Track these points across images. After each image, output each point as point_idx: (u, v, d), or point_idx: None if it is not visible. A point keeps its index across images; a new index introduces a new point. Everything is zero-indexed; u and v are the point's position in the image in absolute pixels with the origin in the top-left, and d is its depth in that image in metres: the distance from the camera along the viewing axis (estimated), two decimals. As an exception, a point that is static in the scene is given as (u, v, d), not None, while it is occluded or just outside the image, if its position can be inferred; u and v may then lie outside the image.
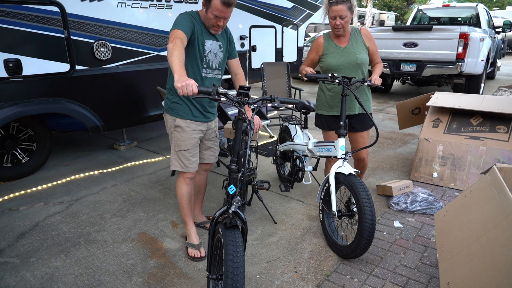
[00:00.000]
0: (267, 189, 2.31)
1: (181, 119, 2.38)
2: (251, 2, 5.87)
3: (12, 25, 3.27)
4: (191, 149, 2.42)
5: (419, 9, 9.37)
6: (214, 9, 2.18)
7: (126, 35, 4.07)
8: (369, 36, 2.76)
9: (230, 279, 1.55)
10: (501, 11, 18.06)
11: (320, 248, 2.60)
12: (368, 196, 2.25)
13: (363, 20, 20.22)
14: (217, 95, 1.79)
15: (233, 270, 1.56)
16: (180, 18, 2.25)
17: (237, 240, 1.64)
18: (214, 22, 2.25)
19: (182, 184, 2.50)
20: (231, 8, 2.21)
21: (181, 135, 2.39)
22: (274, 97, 1.91)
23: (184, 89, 1.75)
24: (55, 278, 2.32)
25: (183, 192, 2.51)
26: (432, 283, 2.23)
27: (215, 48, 2.40)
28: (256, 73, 6.09)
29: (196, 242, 2.55)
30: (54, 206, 3.27)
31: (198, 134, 2.45)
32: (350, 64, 2.68)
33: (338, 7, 2.52)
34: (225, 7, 2.17)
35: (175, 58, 1.92)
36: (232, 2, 2.18)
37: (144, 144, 5.01)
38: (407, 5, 28.43)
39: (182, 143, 2.40)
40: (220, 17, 2.22)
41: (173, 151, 2.45)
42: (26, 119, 3.74)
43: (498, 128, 3.48)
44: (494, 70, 9.69)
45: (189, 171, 2.46)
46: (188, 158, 2.42)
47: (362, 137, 2.88)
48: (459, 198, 2.09)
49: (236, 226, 1.71)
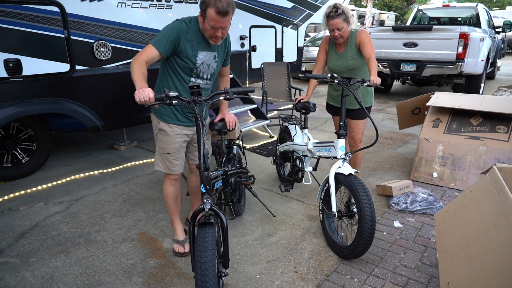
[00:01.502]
0: (252, 183, 2.33)
1: (164, 123, 2.37)
2: (251, 2, 5.87)
3: (12, 25, 3.27)
4: (174, 153, 2.41)
5: (419, 9, 9.36)
6: (210, 19, 2.10)
7: (126, 35, 4.07)
8: (362, 38, 2.83)
9: (199, 274, 1.59)
10: (501, 11, 18.06)
11: (320, 248, 2.60)
12: (368, 196, 2.25)
13: (363, 20, 20.22)
14: (168, 99, 1.85)
15: (201, 265, 1.60)
16: (166, 31, 2.18)
17: (207, 236, 1.69)
18: (212, 33, 2.17)
19: (168, 184, 2.54)
20: (227, 17, 2.11)
21: (165, 138, 2.39)
22: (227, 90, 1.97)
23: (141, 95, 1.85)
24: (55, 278, 2.32)
25: (168, 193, 2.55)
26: (432, 283, 2.23)
27: (208, 59, 2.34)
28: (256, 73, 6.09)
29: (181, 238, 2.62)
30: (54, 206, 3.27)
31: (182, 138, 2.42)
32: (344, 69, 2.95)
33: (335, 21, 2.74)
34: (221, 17, 2.08)
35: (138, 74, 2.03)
36: (228, 11, 2.08)
37: (144, 144, 5.01)
38: (407, 5, 28.42)
39: (165, 146, 2.40)
40: (217, 28, 2.14)
41: (157, 152, 2.47)
42: (26, 119, 3.74)
43: (498, 128, 3.48)
44: (494, 70, 9.68)
45: (173, 173, 2.48)
46: (171, 161, 2.43)
47: (356, 124, 3.13)
48: (459, 198, 2.09)
49: (209, 223, 1.76)
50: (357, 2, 26.51)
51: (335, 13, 2.72)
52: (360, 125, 3.13)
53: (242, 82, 5.96)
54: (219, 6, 2.05)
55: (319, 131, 5.60)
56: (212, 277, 1.59)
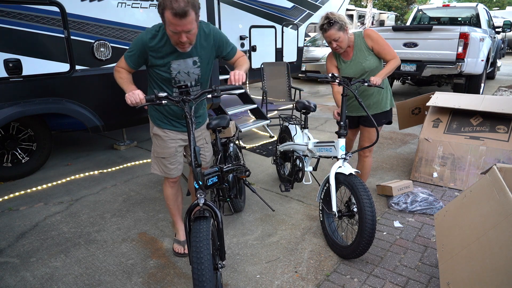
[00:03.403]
0: (247, 176, 2.35)
1: (158, 128, 2.36)
2: (251, 2, 5.87)
3: (12, 25, 3.27)
4: (168, 157, 2.38)
5: (419, 9, 9.36)
6: (169, 23, 1.88)
7: (126, 35, 4.07)
8: (371, 37, 2.73)
9: (195, 263, 1.62)
10: (501, 11, 18.05)
11: (320, 248, 2.60)
12: (368, 196, 2.25)
13: (363, 20, 20.22)
14: (158, 100, 1.90)
15: (196, 254, 1.64)
16: (133, 45, 2.12)
17: (201, 228, 1.73)
18: (176, 39, 1.95)
19: (167, 187, 2.52)
20: (187, 18, 1.85)
21: (159, 143, 2.37)
22: (214, 88, 1.97)
23: (131, 97, 1.92)
24: (55, 278, 2.32)
25: (167, 194, 2.54)
26: (432, 283, 2.23)
27: (185, 67, 2.16)
28: (256, 73, 6.09)
29: (182, 239, 2.62)
30: (54, 206, 3.27)
31: (177, 143, 2.38)
32: (360, 73, 2.77)
33: (329, 33, 2.61)
34: (179, 19, 1.83)
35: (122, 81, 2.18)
36: (186, 11, 1.82)
37: (144, 144, 5.01)
38: (407, 5, 28.43)
39: (160, 150, 2.38)
40: (178, 32, 1.90)
41: (152, 155, 2.46)
42: (26, 119, 3.74)
43: (498, 128, 3.48)
44: (494, 70, 9.68)
45: (170, 177, 2.46)
46: (166, 166, 2.41)
47: (368, 132, 2.98)
48: (459, 198, 2.09)
49: (203, 217, 1.80)
50: (357, 2, 26.51)
51: (328, 24, 2.58)
52: (372, 134, 2.95)
53: (242, 82, 5.95)
54: (175, 7, 1.80)
55: (319, 131, 5.60)
56: (207, 265, 1.62)
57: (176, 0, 1.80)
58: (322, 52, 10.38)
